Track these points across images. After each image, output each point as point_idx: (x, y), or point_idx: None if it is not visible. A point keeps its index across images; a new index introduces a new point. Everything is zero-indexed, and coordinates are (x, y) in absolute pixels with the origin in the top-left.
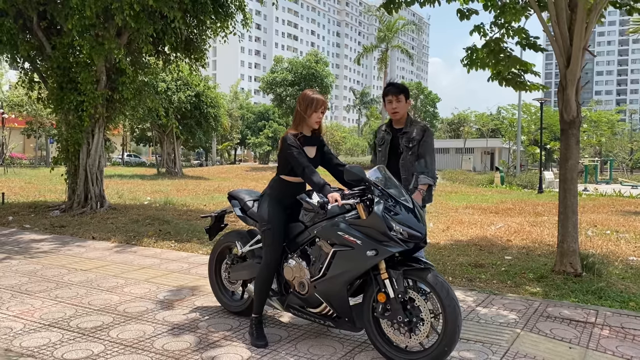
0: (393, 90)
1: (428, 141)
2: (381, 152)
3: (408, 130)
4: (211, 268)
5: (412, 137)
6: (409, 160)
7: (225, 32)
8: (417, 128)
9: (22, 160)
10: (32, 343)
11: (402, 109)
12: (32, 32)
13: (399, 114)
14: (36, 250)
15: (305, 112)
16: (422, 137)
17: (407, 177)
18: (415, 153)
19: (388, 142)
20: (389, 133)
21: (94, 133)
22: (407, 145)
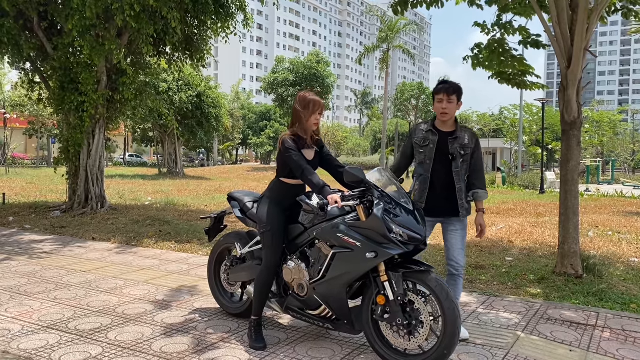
0: (445, 88)
1: (480, 151)
2: (424, 153)
3: (460, 135)
4: (210, 269)
5: (465, 144)
6: (462, 168)
7: (226, 32)
8: (468, 134)
9: (24, 161)
10: (30, 345)
11: (453, 110)
12: (33, 32)
13: (448, 116)
14: (36, 251)
15: (303, 114)
16: (475, 145)
17: (461, 186)
18: (467, 162)
19: (435, 143)
20: (435, 134)
21: (94, 133)
22: (460, 152)
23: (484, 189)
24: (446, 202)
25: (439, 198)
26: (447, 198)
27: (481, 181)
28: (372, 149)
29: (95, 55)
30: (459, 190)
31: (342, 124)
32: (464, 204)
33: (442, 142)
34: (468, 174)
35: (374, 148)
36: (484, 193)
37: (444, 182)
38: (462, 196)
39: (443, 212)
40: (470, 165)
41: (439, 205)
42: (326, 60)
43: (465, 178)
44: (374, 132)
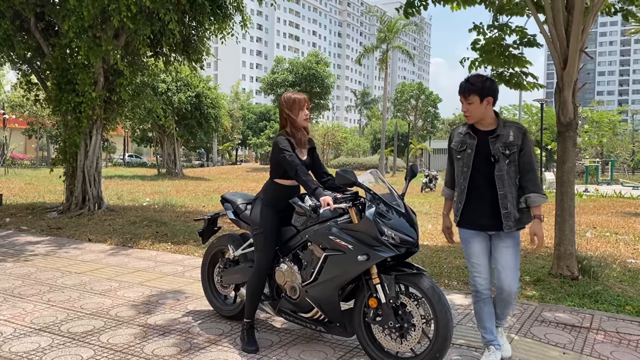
0: (462, 89)
1: (530, 147)
2: (462, 160)
3: (502, 132)
4: (204, 272)
5: (509, 142)
6: (508, 171)
7: (224, 33)
8: (513, 130)
9: (23, 161)
10: (22, 348)
11: (475, 112)
12: (29, 33)
13: (472, 118)
14: (31, 253)
15: (292, 113)
16: (523, 141)
17: (505, 192)
18: (514, 162)
19: (473, 147)
20: (474, 137)
21: (91, 134)
22: (504, 152)
23: (538, 192)
24: (490, 214)
25: (480, 210)
26: (491, 209)
27: (533, 183)
28: (372, 149)
29: (92, 56)
30: (502, 197)
31: (342, 124)
32: (510, 213)
33: (483, 144)
34: (519, 176)
35: (373, 148)
36: (538, 197)
37: (487, 191)
38: (507, 204)
39: (488, 225)
40: (519, 166)
41: (481, 218)
42: (325, 61)
43: (517, 182)
44: (374, 132)
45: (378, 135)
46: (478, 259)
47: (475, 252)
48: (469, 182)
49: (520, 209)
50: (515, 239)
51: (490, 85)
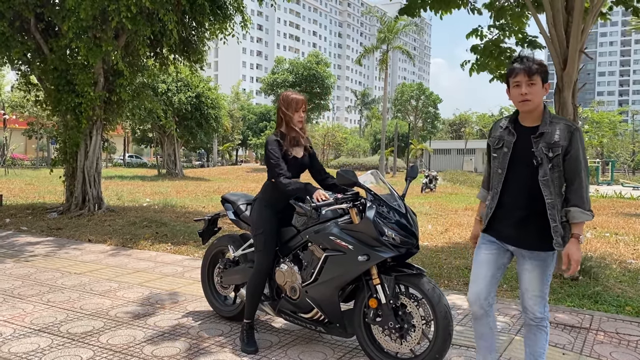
0: (525, 68)
1: (579, 150)
2: (497, 160)
3: (547, 129)
4: (204, 272)
5: (553, 142)
6: (553, 177)
7: (224, 34)
8: (560, 127)
9: (24, 161)
10: (21, 349)
11: (537, 96)
12: (29, 34)
13: (532, 104)
14: (31, 253)
15: (288, 114)
16: (570, 142)
17: (553, 201)
18: (559, 166)
19: (510, 146)
20: (513, 133)
21: (91, 135)
22: (548, 155)
23: (582, 206)
24: (519, 226)
25: (509, 220)
26: (523, 221)
27: (578, 195)
28: (372, 149)
29: (91, 56)
30: (550, 207)
31: (342, 125)
32: (559, 227)
33: (523, 143)
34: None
35: (374, 149)
36: (581, 213)
37: (523, 200)
38: (555, 216)
39: (512, 238)
40: (563, 172)
41: (507, 228)
42: (326, 61)
43: (562, 191)
44: (374, 132)
45: (378, 135)
46: (478, 268)
47: (479, 259)
48: (502, 187)
49: (562, 224)
50: (542, 260)
51: (547, 69)
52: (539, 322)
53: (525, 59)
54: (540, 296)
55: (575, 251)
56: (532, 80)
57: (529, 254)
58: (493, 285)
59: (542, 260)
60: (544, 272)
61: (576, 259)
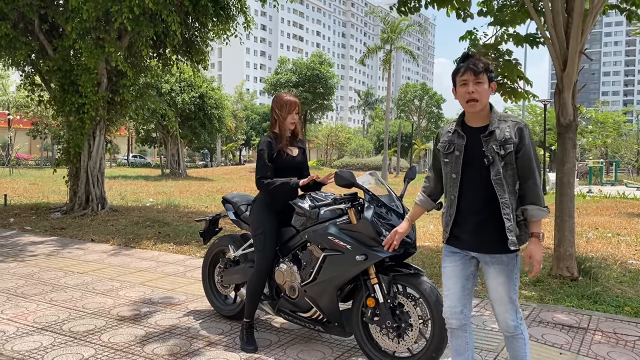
0: (471, 66)
1: (530, 147)
2: (449, 165)
3: (497, 128)
4: (205, 272)
5: (505, 139)
6: (505, 175)
7: (227, 34)
8: (510, 124)
9: (28, 161)
10: (24, 347)
11: (484, 95)
12: (33, 34)
13: (479, 104)
14: (34, 253)
15: (281, 115)
16: (520, 139)
17: (507, 200)
18: (511, 164)
19: (462, 149)
20: (462, 136)
21: (95, 135)
22: (499, 153)
23: (538, 203)
24: (476, 230)
25: (467, 226)
26: (479, 224)
27: (533, 192)
28: (376, 149)
29: (93, 58)
30: (504, 206)
31: (345, 125)
32: (514, 227)
33: (474, 144)
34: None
35: (377, 149)
36: (537, 210)
37: (479, 202)
38: (510, 215)
39: (471, 244)
40: (516, 170)
41: (465, 234)
42: (329, 61)
43: (516, 189)
44: (378, 132)
45: (382, 135)
46: (446, 282)
47: (446, 273)
48: (459, 192)
49: (518, 223)
50: (504, 264)
51: (492, 67)
52: (513, 332)
53: (471, 58)
54: (509, 302)
55: (537, 251)
56: (479, 79)
57: (491, 259)
58: (466, 298)
59: (505, 264)
60: (509, 277)
61: (538, 259)
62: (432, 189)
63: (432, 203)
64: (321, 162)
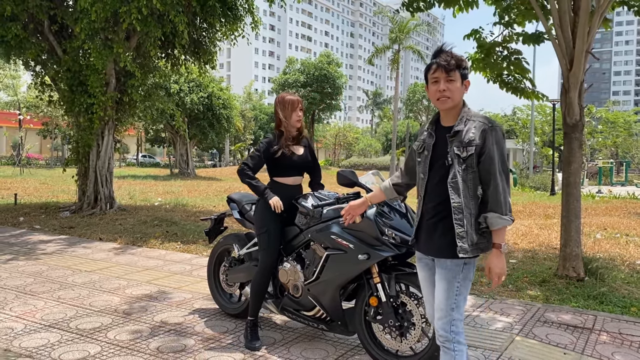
0: (442, 63)
1: (493, 150)
2: (420, 164)
3: (462, 128)
4: (210, 270)
5: (468, 140)
6: (465, 178)
7: (234, 35)
8: (475, 125)
9: (38, 161)
10: (31, 344)
11: (456, 93)
12: (43, 35)
13: (450, 101)
14: (43, 251)
15: (285, 114)
16: (484, 141)
17: (460, 204)
18: (472, 167)
19: (430, 148)
20: (432, 135)
21: (103, 135)
22: (460, 155)
23: (498, 210)
24: (431, 233)
25: (426, 228)
26: (433, 227)
27: (493, 198)
28: (384, 149)
29: (101, 58)
30: (456, 211)
31: (354, 125)
32: (467, 233)
33: (441, 144)
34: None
35: (385, 149)
36: (497, 218)
37: (437, 204)
38: (462, 221)
39: (427, 248)
40: (479, 173)
41: (423, 238)
42: (337, 61)
43: (479, 194)
44: (386, 132)
45: (390, 135)
46: (423, 289)
47: (420, 279)
48: (424, 193)
49: (481, 231)
50: (448, 269)
51: (465, 63)
52: (443, 342)
53: (443, 53)
54: (443, 310)
55: (496, 263)
56: (450, 76)
57: (437, 262)
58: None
59: (448, 269)
60: (449, 284)
61: (497, 272)
62: (399, 180)
63: (394, 192)
64: (329, 162)
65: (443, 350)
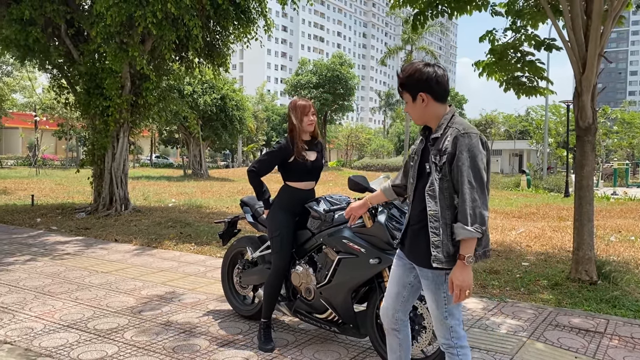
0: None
1: (464, 158)
2: (411, 170)
3: (439, 135)
4: (224, 272)
5: (442, 148)
6: (441, 187)
7: (247, 37)
8: (451, 132)
9: (54, 162)
10: (51, 343)
11: (412, 111)
12: (60, 39)
13: (416, 120)
14: (60, 252)
15: (297, 119)
16: (455, 148)
17: (437, 213)
18: (447, 175)
19: (419, 155)
20: (424, 141)
21: (119, 137)
22: (437, 163)
23: (462, 221)
24: (413, 241)
25: (409, 234)
26: (415, 234)
27: (460, 208)
28: (396, 150)
29: (117, 61)
30: (432, 219)
31: (366, 125)
32: (442, 243)
33: (425, 152)
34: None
35: (397, 150)
36: (460, 228)
37: (418, 211)
38: (438, 229)
39: (409, 255)
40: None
41: (407, 244)
42: (349, 62)
43: (455, 203)
44: (398, 133)
45: (402, 136)
46: (389, 283)
47: (391, 274)
48: (412, 199)
49: (454, 240)
50: (430, 280)
51: (419, 76)
52: (446, 349)
53: (397, 74)
54: (438, 319)
55: (458, 275)
56: (404, 98)
57: (420, 272)
58: (399, 304)
59: (431, 280)
60: (435, 295)
61: (457, 284)
62: (398, 181)
63: (393, 194)
64: (341, 163)
65: (448, 356)
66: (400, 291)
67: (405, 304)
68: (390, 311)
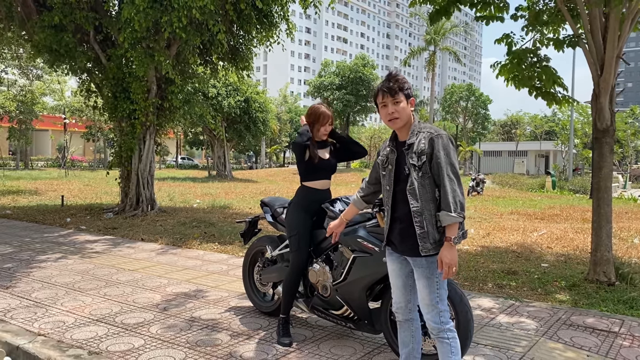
0: (387, 89)
1: (441, 156)
2: (385, 178)
3: (414, 140)
4: (245, 270)
5: (420, 150)
6: (423, 184)
7: (270, 41)
8: (424, 135)
9: (82, 163)
10: (81, 336)
11: (403, 112)
12: (89, 44)
13: (400, 121)
14: (89, 251)
15: (314, 125)
16: (432, 148)
17: (420, 208)
18: (428, 173)
19: (393, 163)
20: (394, 151)
21: (145, 139)
22: (416, 164)
23: (447, 209)
24: (403, 236)
25: (399, 233)
26: (405, 230)
27: (443, 198)
28: None
29: (143, 66)
30: (416, 214)
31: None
32: (428, 233)
33: (401, 158)
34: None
35: None
36: (444, 215)
37: (404, 211)
38: (423, 222)
39: (403, 250)
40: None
41: (398, 241)
42: (372, 64)
43: (436, 196)
44: None
45: None
46: (392, 280)
47: (390, 272)
48: (391, 203)
49: (439, 229)
50: (424, 267)
51: (407, 84)
52: (437, 333)
53: (387, 80)
54: (430, 305)
55: (446, 254)
56: (396, 98)
57: (413, 262)
58: (409, 293)
59: (425, 267)
60: (429, 280)
61: (446, 261)
62: (366, 191)
63: (363, 203)
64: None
65: (439, 341)
66: (405, 282)
67: (413, 292)
68: (403, 302)
